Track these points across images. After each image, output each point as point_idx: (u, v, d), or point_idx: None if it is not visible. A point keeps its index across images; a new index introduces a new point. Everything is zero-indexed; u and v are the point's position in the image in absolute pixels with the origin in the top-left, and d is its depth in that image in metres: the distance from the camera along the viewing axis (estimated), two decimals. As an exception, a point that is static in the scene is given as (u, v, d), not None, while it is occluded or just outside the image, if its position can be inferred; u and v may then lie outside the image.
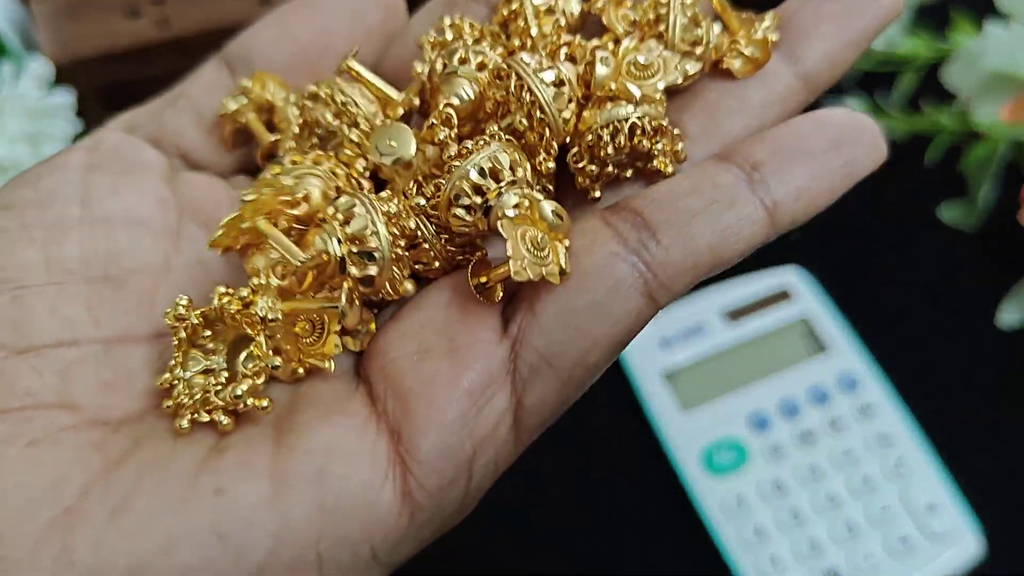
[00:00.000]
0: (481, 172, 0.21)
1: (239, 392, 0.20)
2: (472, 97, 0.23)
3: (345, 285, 0.21)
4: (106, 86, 0.46)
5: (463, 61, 0.23)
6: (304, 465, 0.19)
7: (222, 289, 0.21)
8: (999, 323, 0.45)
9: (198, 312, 0.21)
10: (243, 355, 0.21)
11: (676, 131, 0.23)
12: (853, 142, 0.22)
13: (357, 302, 0.21)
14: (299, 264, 0.21)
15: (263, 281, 0.21)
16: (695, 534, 0.40)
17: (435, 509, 0.20)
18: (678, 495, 0.41)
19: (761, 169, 0.21)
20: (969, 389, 0.44)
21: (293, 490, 0.19)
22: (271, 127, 0.25)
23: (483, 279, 0.21)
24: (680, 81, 0.24)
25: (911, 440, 0.41)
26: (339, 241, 0.21)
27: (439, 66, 0.23)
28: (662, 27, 0.24)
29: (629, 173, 0.23)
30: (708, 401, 0.42)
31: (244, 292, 0.21)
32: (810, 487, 0.40)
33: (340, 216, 0.21)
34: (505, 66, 0.22)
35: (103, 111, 0.48)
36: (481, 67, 0.23)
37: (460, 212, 0.21)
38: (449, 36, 0.25)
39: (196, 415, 0.20)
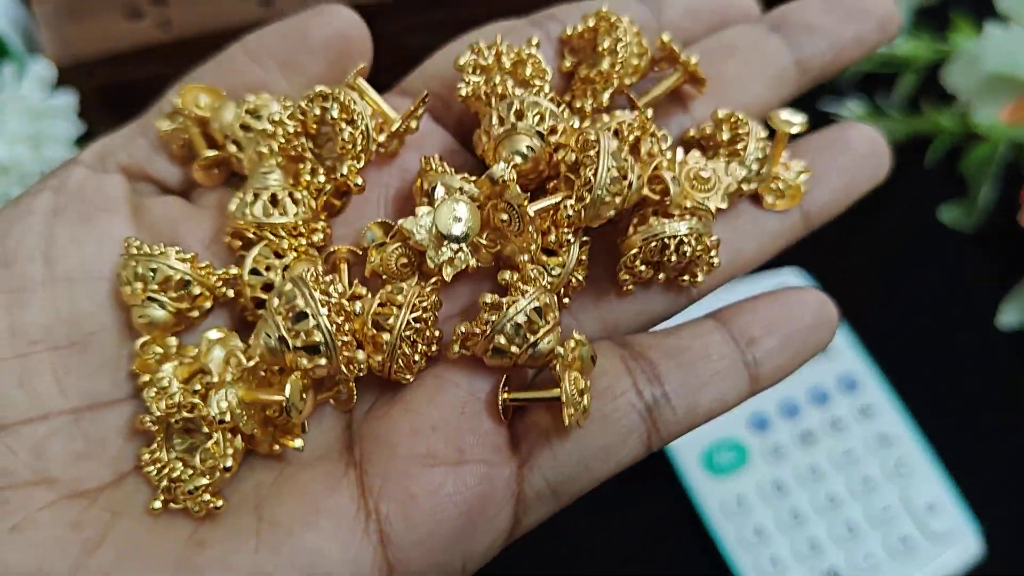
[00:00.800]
0: (536, 311, 0.22)
1: (192, 488, 0.21)
2: (537, 156, 0.24)
3: (292, 378, 0.21)
4: (107, 87, 0.46)
5: (520, 115, 0.24)
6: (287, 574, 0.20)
7: (175, 386, 0.21)
8: (999, 324, 0.45)
9: (161, 415, 0.21)
10: (199, 453, 0.21)
11: (716, 245, 0.24)
12: (822, 327, 0.25)
13: (308, 392, 0.22)
14: (248, 366, 0.21)
15: (216, 379, 0.21)
16: (695, 534, 0.40)
17: None
18: (678, 495, 0.41)
19: (754, 346, 0.24)
20: (969, 389, 0.44)
21: None
22: (213, 139, 0.25)
23: (507, 396, 0.22)
24: (734, 190, 0.25)
25: (911, 440, 0.41)
26: (281, 339, 0.21)
27: (496, 121, 0.24)
28: (740, 146, 0.25)
29: (661, 277, 0.24)
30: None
31: (197, 386, 0.21)
32: (810, 487, 0.40)
33: (282, 310, 0.21)
34: (590, 137, 0.23)
35: (104, 112, 0.48)
36: (552, 131, 0.24)
37: (504, 343, 0.22)
38: (488, 60, 0.25)
39: (174, 500, 0.21)
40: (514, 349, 0.22)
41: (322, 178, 0.24)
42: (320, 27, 0.25)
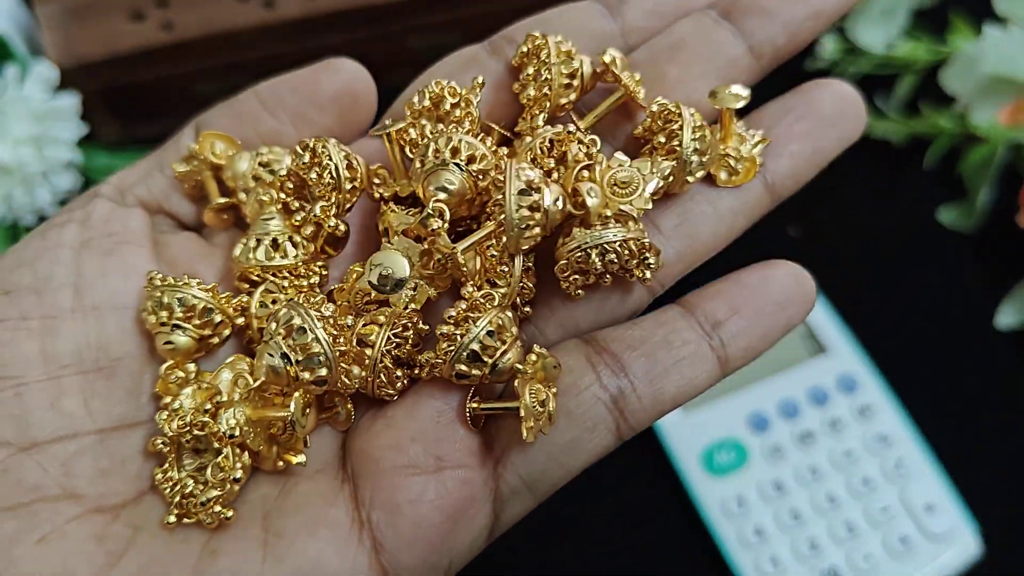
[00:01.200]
0: (490, 335, 0.23)
1: (205, 500, 0.22)
2: (458, 189, 0.24)
3: (296, 395, 0.22)
4: (110, 89, 0.46)
5: (455, 151, 0.24)
6: None
7: (187, 407, 0.23)
8: (998, 324, 0.45)
9: (172, 435, 0.23)
10: (210, 467, 0.23)
11: (653, 249, 0.24)
12: (794, 302, 0.25)
13: (310, 409, 0.23)
14: (254, 386, 0.23)
15: (225, 398, 0.23)
16: (695, 534, 0.40)
17: None
18: (678, 495, 0.41)
19: (720, 328, 0.24)
20: (968, 390, 0.44)
21: None
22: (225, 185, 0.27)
23: (476, 405, 0.23)
24: (660, 186, 0.25)
25: (910, 441, 0.41)
26: (283, 355, 0.22)
27: (430, 153, 0.24)
28: (675, 142, 0.25)
29: (609, 280, 0.24)
30: (708, 402, 0.42)
31: (208, 405, 0.22)
32: (810, 487, 0.40)
33: (281, 330, 0.22)
34: (495, 173, 0.24)
35: (107, 114, 0.48)
36: (471, 160, 0.24)
37: (467, 369, 0.23)
38: (427, 103, 0.26)
39: (186, 515, 0.22)
40: (475, 372, 0.23)
41: (310, 227, 0.25)
42: (329, 82, 0.27)
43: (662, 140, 0.25)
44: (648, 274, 0.24)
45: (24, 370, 0.23)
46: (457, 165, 0.24)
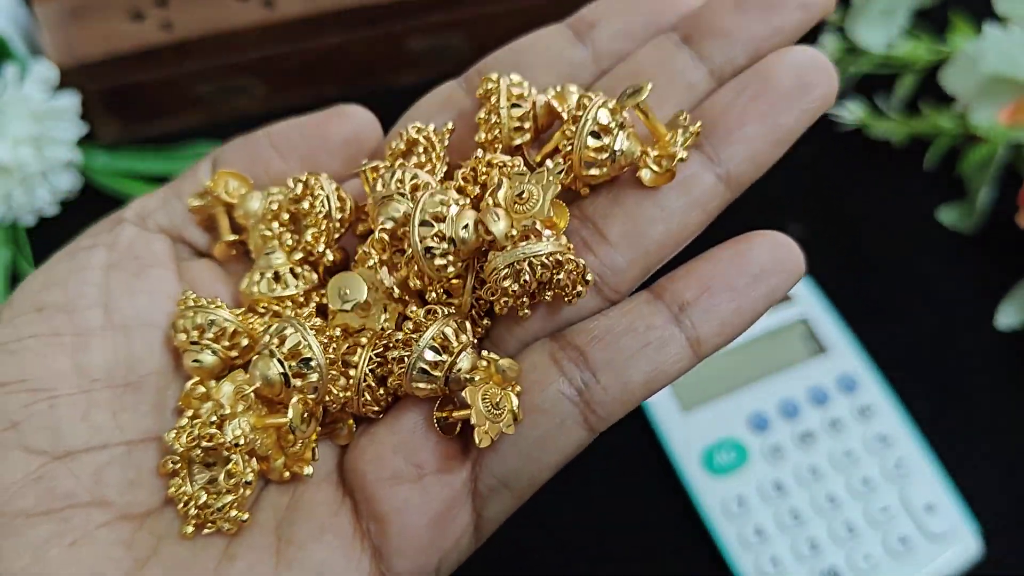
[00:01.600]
0: (434, 350, 0.23)
1: (221, 505, 0.23)
2: (402, 218, 0.25)
3: (293, 402, 0.23)
4: (110, 89, 0.46)
5: (401, 182, 0.25)
6: None
7: (194, 422, 0.24)
8: (998, 324, 0.45)
9: (182, 453, 0.24)
10: (222, 474, 0.24)
11: (574, 260, 0.24)
12: (774, 271, 0.24)
13: (308, 415, 0.24)
14: (248, 391, 0.24)
15: (228, 411, 0.24)
16: (695, 534, 0.40)
17: None
18: (678, 495, 0.41)
19: (688, 309, 0.23)
20: (968, 390, 0.44)
21: None
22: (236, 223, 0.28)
23: (445, 415, 0.24)
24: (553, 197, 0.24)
25: (910, 441, 0.41)
26: (280, 361, 0.23)
27: (379, 186, 0.25)
28: (571, 127, 0.25)
29: (549, 295, 0.24)
30: (708, 402, 0.42)
31: (214, 417, 0.23)
32: (810, 487, 0.40)
33: (276, 340, 0.24)
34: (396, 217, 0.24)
35: (107, 114, 0.48)
36: (415, 189, 0.25)
37: (423, 384, 0.24)
38: (402, 146, 0.26)
39: (203, 525, 0.23)
40: (431, 386, 0.24)
41: (299, 254, 0.26)
42: (338, 128, 0.28)
43: (568, 123, 0.25)
44: (581, 289, 0.24)
45: (57, 383, 0.24)
46: (402, 195, 0.25)
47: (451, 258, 0.24)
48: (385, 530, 0.23)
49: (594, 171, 0.25)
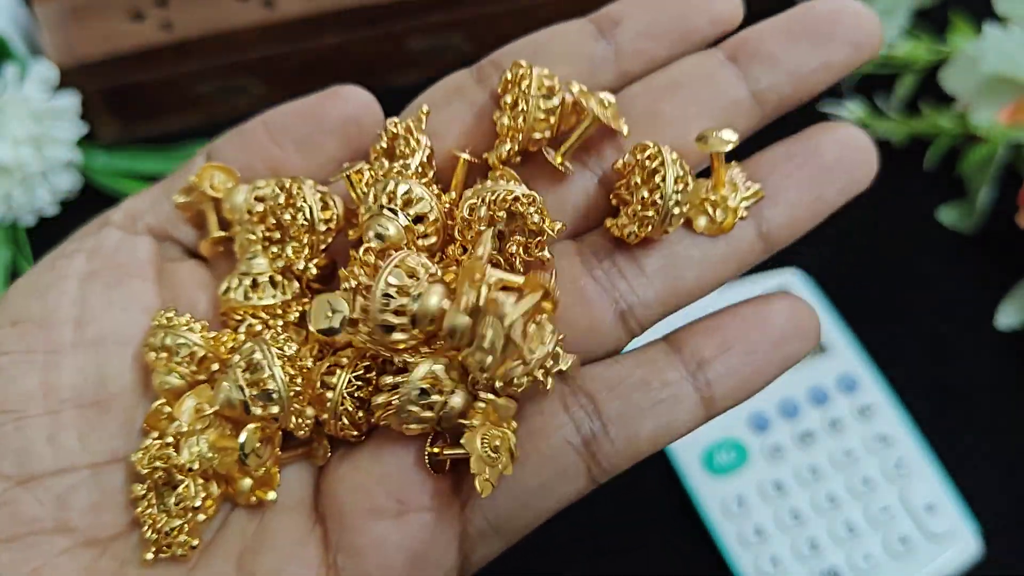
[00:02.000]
0: (424, 392, 0.22)
1: (168, 530, 0.22)
2: (394, 235, 0.24)
3: (248, 427, 0.23)
4: (110, 89, 0.46)
5: (392, 196, 0.24)
6: None
7: (152, 442, 0.23)
8: (998, 324, 0.45)
9: (147, 474, 0.23)
10: (172, 497, 0.23)
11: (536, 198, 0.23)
12: (793, 338, 0.24)
13: (263, 441, 0.23)
14: (209, 412, 0.23)
15: (186, 428, 0.23)
16: (695, 534, 0.40)
17: None
18: (678, 495, 0.41)
19: (705, 367, 0.23)
20: (968, 390, 0.44)
21: None
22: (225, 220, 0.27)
23: (436, 451, 0.23)
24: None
25: (910, 441, 0.41)
26: (239, 388, 0.23)
27: (371, 199, 0.24)
28: (656, 195, 0.23)
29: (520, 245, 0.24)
30: (708, 402, 0.42)
31: (169, 438, 0.23)
32: (810, 487, 0.40)
33: (243, 363, 0.23)
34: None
35: (107, 114, 0.48)
36: (407, 203, 0.24)
37: (414, 426, 0.22)
38: (384, 144, 0.26)
39: (161, 550, 0.23)
40: (423, 426, 0.22)
41: (281, 262, 0.25)
42: (334, 109, 0.26)
43: (640, 184, 0.24)
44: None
45: (25, 404, 0.23)
46: (392, 211, 0.24)
47: (405, 336, 0.22)
48: (359, 565, 0.22)
49: (669, 229, 0.24)
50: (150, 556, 0.23)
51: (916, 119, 0.50)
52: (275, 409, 0.23)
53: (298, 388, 0.23)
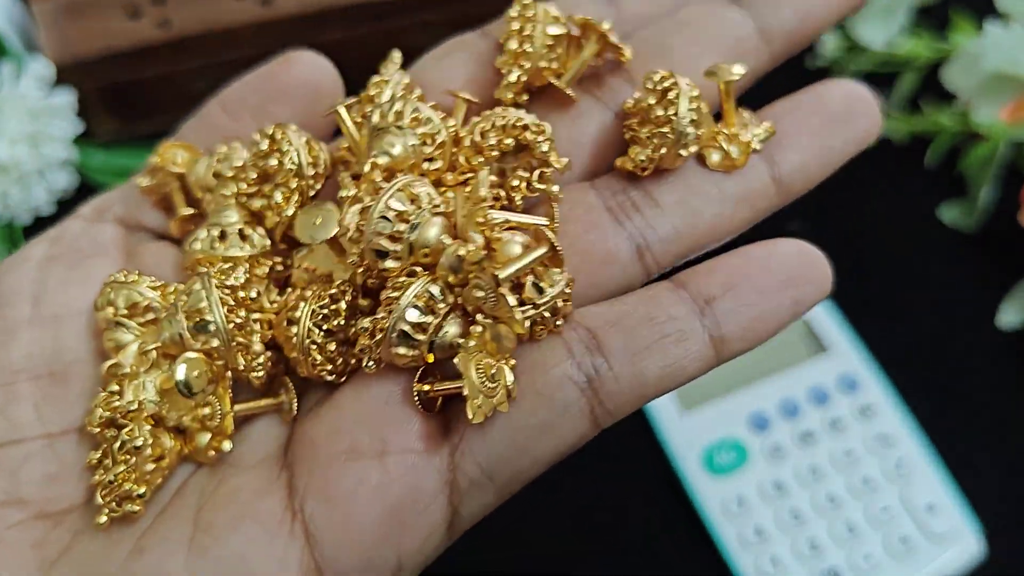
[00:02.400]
0: (418, 310, 0.21)
1: (112, 478, 0.21)
2: (400, 155, 0.23)
3: (184, 355, 0.22)
4: (107, 87, 0.46)
5: (399, 115, 0.23)
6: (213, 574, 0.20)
7: (101, 395, 0.22)
8: (999, 323, 0.45)
9: (99, 435, 0.22)
10: (116, 443, 0.22)
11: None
12: (802, 281, 0.22)
13: (210, 377, 0.22)
14: (150, 348, 0.22)
15: (128, 370, 0.22)
16: (695, 534, 0.40)
17: None
18: (678, 495, 0.41)
19: (713, 305, 0.22)
20: (969, 389, 0.44)
21: None
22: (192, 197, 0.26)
23: (426, 388, 0.21)
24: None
25: (911, 440, 0.41)
26: (179, 322, 0.22)
27: (376, 117, 0.23)
28: (671, 111, 0.23)
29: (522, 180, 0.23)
30: (709, 401, 0.42)
31: (114, 386, 0.22)
32: (810, 487, 0.40)
33: (184, 297, 0.22)
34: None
35: (104, 111, 0.48)
36: (416, 122, 0.23)
37: (404, 351, 0.21)
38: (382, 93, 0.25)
39: (112, 511, 0.21)
40: (412, 352, 0.21)
41: (274, 217, 0.24)
42: (288, 75, 0.26)
43: (653, 104, 0.23)
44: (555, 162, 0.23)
45: None
46: (400, 127, 0.23)
47: (398, 263, 0.21)
48: (330, 512, 0.20)
49: (683, 152, 0.23)
50: (103, 519, 0.21)
51: (917, 117, 0.50)
52: (215, 342, 0.21)
53: (239, 320, 0.22)
